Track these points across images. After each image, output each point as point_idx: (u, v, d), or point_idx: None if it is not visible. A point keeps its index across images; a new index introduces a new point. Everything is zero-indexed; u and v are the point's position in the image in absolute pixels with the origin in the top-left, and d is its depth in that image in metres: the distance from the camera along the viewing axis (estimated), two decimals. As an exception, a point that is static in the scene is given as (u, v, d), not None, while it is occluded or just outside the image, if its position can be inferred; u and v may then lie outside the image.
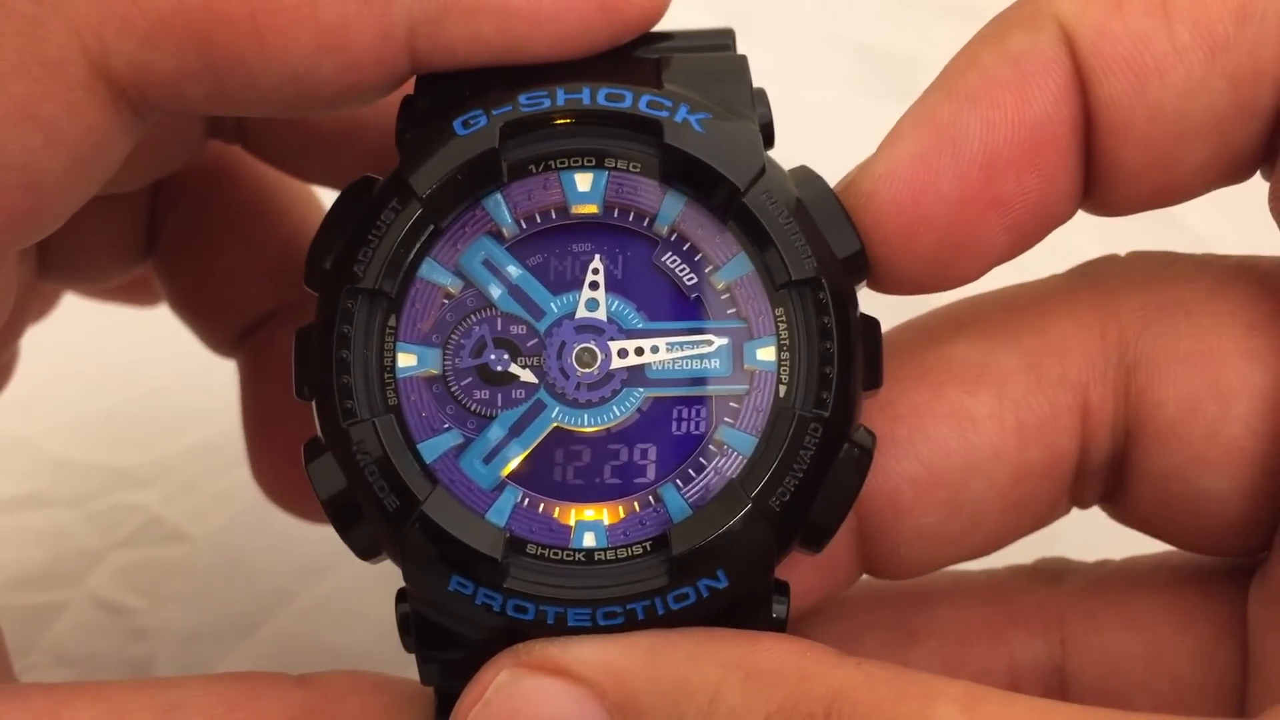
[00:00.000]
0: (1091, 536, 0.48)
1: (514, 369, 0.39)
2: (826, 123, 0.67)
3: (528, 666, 0.37)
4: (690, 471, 0.38)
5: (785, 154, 0.40)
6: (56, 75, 0.36)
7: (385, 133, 0.49)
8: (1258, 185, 0.41)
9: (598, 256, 0.39)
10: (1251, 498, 0.41)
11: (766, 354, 0.39)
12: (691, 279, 0.39)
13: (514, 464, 0.39)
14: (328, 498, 0.39)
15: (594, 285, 0.39)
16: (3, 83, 0.36)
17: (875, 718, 0.33)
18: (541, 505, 0.38)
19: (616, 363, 0.39)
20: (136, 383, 0.75)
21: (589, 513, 0.38)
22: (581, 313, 0.39)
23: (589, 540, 0.38)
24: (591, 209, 0.39)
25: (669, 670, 0.36)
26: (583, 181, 0.39)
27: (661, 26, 0.41)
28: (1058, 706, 0.33)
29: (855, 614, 0.46)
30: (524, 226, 0.39)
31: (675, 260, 0.39)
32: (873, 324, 0.39)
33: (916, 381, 0.42)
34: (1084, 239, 0.46)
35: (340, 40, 0.37)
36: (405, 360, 0.39)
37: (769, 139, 0.40)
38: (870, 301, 0.41)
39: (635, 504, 0.38)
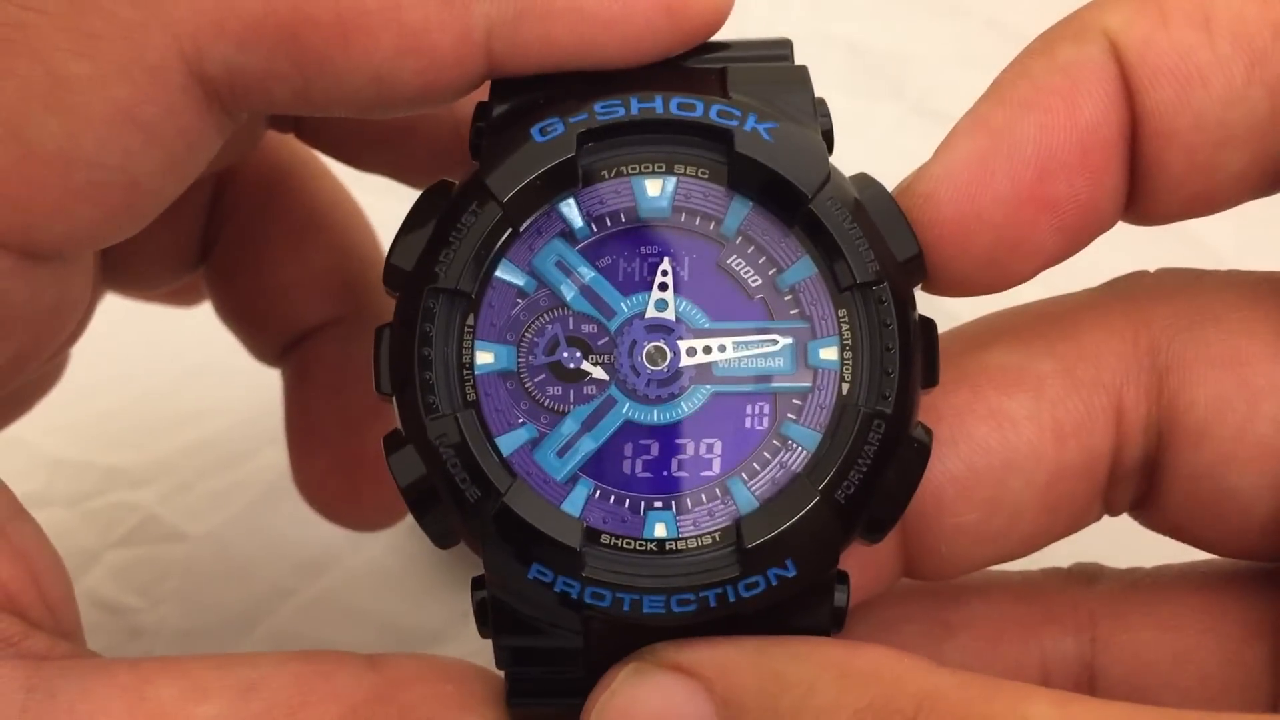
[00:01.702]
0: (1126, 557, 0.49)
1: (586, 366, 0.40)
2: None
3: (651, 663, 0.39)
4: (755, 465, 0.40)
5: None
6: (156, 79, 0.37)
7: (440, 122, 0.50)
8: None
9: (666, 259, 0.40)
10: None
11: (829, 353, 0.40)
12: (756, 281, 0.40)
13: (586, 457, 0.40)
14: (407, 484, 0.40)
15: (663, 286, 0.40)
16: (106, 86, 0.37)
17: (966, 715, 0.34)
18: (613, 496, 0.40)
19: (685, 361, 0.40)
20: (133, 383, 0.75)
21: (658, 504, 0.40)
22: (651, 313, 0.40)
23: (660, 531, 0.40)
24: (661, 213, 0.40)
25: (770, 667, 0.37)
26: (653, 187, 0.40)
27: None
28: (1145, 709, 0.34)
29: (892, 606, 0.48)
30: (595, 229, 0.40)
31: (740, 263, 0.40)
32: (930, 325, 0.41)
33: (957, 385, 0.43)
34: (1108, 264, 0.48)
35: (421, 42, 0.38)
36: (483, 358, 0.40)
37: (829, 146, 0.41)
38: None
39: (703, 495, 0.40)
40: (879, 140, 0.65)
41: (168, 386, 0.75)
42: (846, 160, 0.42)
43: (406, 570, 0.70)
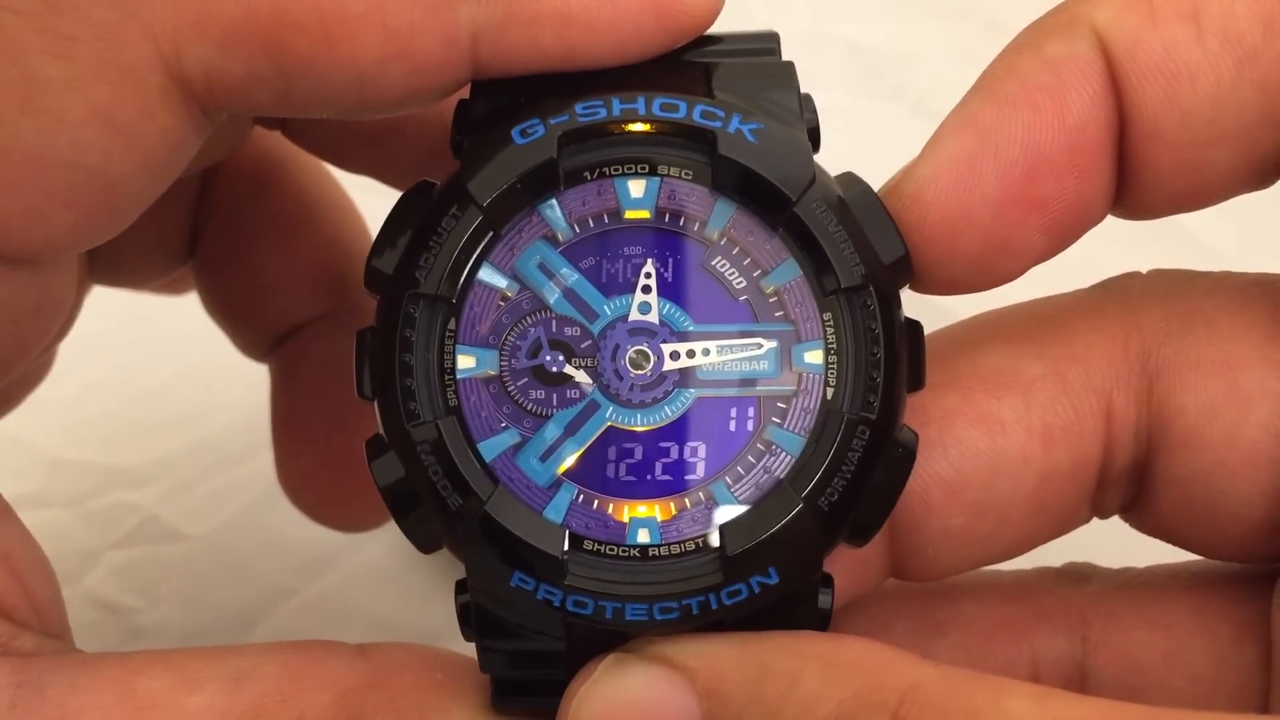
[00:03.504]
0: (1119, 557, 0.49)
1: (569, 370, 0.40)
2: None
3: (633, 654, 0.38)
4: (739, 470, 0.40)
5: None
6: (133, 80, 0.37)
7: (427, 124, 0.50)
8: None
9: (649, 260, 0.40)
10: (1271, 501, 0.42)
11: (814, 357, 0.40)
12: (740, 283, 0.40)
13: (569, 461, 0.40)
14: (388, 490, 0.40)
15: (646, 289, 0.40)
16: (83, 88, 0.37)
17: (947, 708, 0.34)
18: (596, 501, 0.39)
19: (669, 364, 0.40)
20: (133, 382, 0.75)
21: (642, 509, 0.39)
22: (634, 316, 0.40)
23: (643, 536, 0.39)
24: (644, 214, 0.40)
25: (755, 659, 0.37)
26: (636, 188, 0.40)
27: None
28: (1126, 706, 0.34)
29: (883, 604, 0.47)
30: (577, 231, 0.40)
31: (725, 265, 0.40)
32: (916, 327, 0.41)
33: (946, 387, 0.43)
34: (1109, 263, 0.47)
35: (406, 47, 0.38)
36: (465, 362, 0.40)
37: (815, 144, 0.41)
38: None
39: (687, 500, 0.39)
40: (879, 140, 0.65)
41: (168, 386, 0.75)
42: (846, 161, 0.42)
43: (406, 570, 0.70)
